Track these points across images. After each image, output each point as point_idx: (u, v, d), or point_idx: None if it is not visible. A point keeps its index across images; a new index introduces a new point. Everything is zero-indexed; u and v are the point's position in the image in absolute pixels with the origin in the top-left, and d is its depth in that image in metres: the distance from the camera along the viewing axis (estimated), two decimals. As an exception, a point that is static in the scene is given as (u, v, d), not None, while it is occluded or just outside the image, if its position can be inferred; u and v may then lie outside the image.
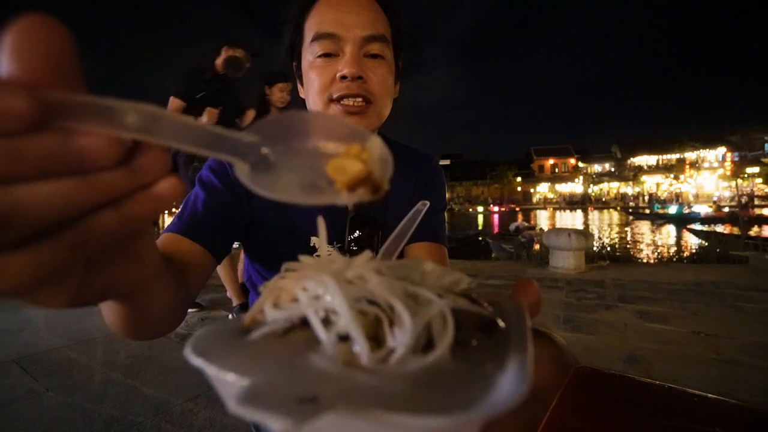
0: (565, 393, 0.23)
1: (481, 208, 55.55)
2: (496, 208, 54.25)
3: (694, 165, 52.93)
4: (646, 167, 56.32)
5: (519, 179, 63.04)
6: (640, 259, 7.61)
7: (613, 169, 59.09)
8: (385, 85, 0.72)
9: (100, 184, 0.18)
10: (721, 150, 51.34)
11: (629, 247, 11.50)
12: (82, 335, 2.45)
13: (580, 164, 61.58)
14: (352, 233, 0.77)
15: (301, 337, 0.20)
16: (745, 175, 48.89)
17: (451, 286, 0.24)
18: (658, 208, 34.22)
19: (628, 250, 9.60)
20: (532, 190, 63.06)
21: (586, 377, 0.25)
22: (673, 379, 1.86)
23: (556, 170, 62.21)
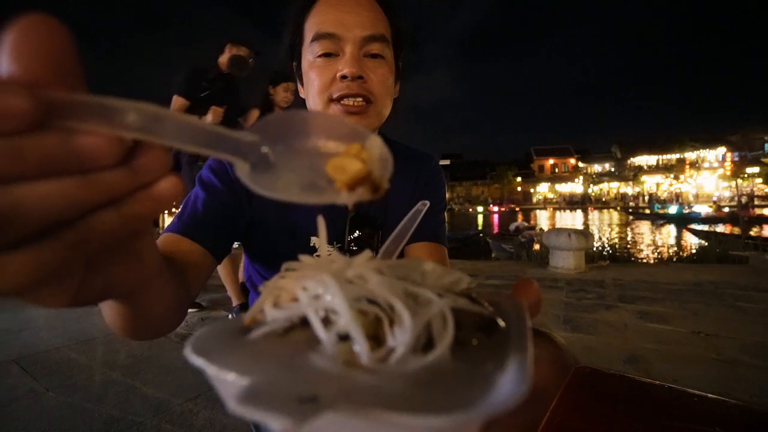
0: (565, 393, 0.23)
1: (481, 208, 55.54)
2: (496, 208, 54.25)
3: (694, 165, 52.92)
4: (646, 167, 56.31)
5: (519, 179, 63.05)
6: (640, 259, 7.60)
7: (613, 169, 59.08)
8: (386, 85, 0.72)
9: (101, 184, 0.18)
10: (721, 150, 51.34)
11: (629, 247, 11.49)
12: (82, 335, 2.45)
13: (580, 164, 61.57)
14: (352, 233, 0.77)
15: (301, 337, 0.20)
16: (745, 175, 48.88)
17: (452, 286, 0.24)
18: (658, 208, 34.21)
19: (628, 250, 9.60)
20: (532, 190, 63.04)
21: (586, 377, 0.25)
22: (673, 379, 1.86)
23: (556, 170, 62.20)
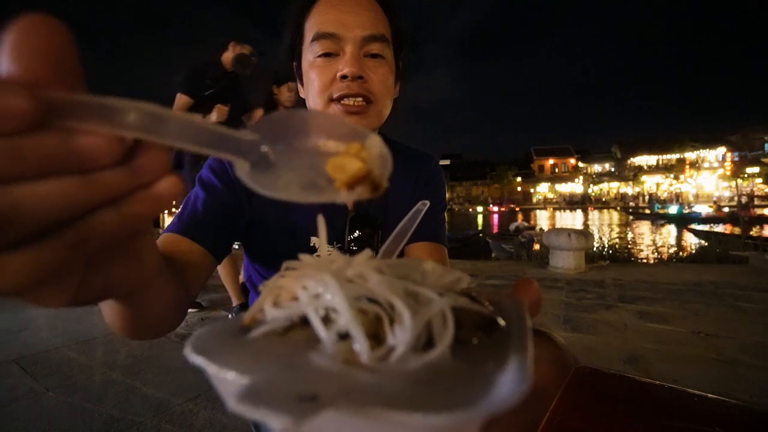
0: (565, 393, 0.23)
1: (481, 208, 55.54)
2: (496, 208, 54.24)
3: (694, 165, 52.92)
4: (646, 167, 56.31)
5: (519, 179, 63.04)
6: (640, 259, 7.60)
7: (613, 169, 59.08)
8: (386, 85, 0.72)
9: (101, 184, 0.18)
10: (721, 150, 51.33)
11: (629, 247, 11.49)
12: (82, 335, 2.45)
13: (580, 164, 61.56)
14: (352, 233, 0.77)
15: (301, 336, 0.20)
16: (745, 175, 48.88)
17: (452, 285, 0.24)
18: (659, 208, 34.21)
19: (628, 250, 9.59)
20: (532, 190, 63.04)
21: (586, 377, 0.25)
22: (673, 379, 1.86)
23: (556, 170, 62.19)
